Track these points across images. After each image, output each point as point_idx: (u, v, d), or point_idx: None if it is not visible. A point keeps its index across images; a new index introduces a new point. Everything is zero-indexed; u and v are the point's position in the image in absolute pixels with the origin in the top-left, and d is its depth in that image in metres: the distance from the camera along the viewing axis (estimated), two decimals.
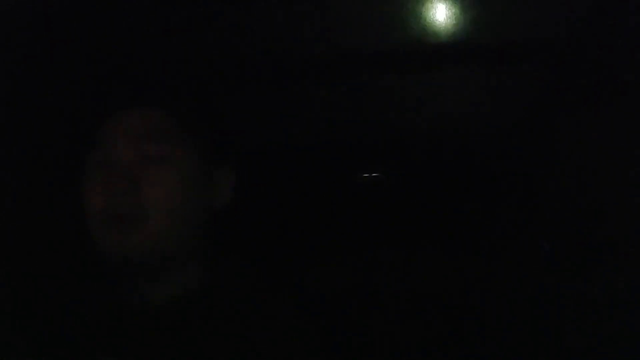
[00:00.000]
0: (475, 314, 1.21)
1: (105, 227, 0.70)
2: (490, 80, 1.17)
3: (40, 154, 0.99)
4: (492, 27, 1.10)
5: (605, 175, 1.02)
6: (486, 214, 1.33)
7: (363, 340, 1.25)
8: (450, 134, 1.33)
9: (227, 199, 0.80)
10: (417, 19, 1.08)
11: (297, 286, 1.15)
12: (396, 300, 1.33)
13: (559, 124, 1.13)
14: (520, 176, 1.25)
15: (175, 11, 0.95)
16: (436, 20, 1.08)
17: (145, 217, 0.70)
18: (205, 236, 0.78)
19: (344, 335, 1.21)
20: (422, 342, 1.25)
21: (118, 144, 0.72)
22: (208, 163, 0.78)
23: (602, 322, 0.96)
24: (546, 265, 1.13)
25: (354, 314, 1.30)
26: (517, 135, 1.25)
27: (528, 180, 1.24)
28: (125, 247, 0.69)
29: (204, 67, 1.05)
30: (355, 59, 1.17)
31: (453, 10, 1.07)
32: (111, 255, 0.71)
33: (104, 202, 0.71)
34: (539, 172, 1.17)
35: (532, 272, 1.14)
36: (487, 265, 1.29)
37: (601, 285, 0.98)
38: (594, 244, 1.01)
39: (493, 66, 1.17)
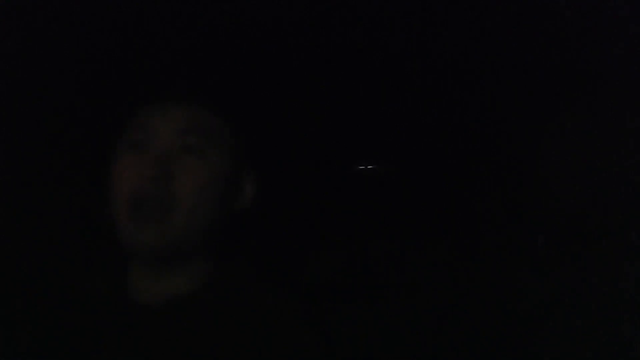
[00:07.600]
0: (470, 308, 1.24)
1: (132, 211, 0.69)
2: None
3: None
4: None
5: (599, 173, 1.05)
6: (482, 208, 1.35)
7: (361, 333, 1.27)
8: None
9: (248, 202, 0.81)
10: None
11: (296, 280, 1.17)
12: (392, 293, 1.35)
13: (552, 122, 1.16)
14: (517, 171, 1.27)
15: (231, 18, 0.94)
16: None
17: (174, 206, 0.69)
18: (221, 235, 0.79)
19: (342, 328, 1.23)
20: (419, 336, 1.28)
21: (158, 132, 0.73)
22: (239, 165, 0.80)
23: (597, 316, 1.00)
24: (541, 259, 1.16)
25: (351, 306, 1.32)
26: (514, 131, 1.27)
27: (524, 175, 1.26)
28: (149, 235, 0.69)
29: (253, 69, 1.04)
30: None
31: None
32: (130, 242, 0.70)
33: (134, 186, 0.70)
34: (534, 168, 1.20)
35: (527, 266, 1.17)
36: (482, 259, 1.31)
37: (596, 280, 1.01)
38: (588, 239, 1.04)
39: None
